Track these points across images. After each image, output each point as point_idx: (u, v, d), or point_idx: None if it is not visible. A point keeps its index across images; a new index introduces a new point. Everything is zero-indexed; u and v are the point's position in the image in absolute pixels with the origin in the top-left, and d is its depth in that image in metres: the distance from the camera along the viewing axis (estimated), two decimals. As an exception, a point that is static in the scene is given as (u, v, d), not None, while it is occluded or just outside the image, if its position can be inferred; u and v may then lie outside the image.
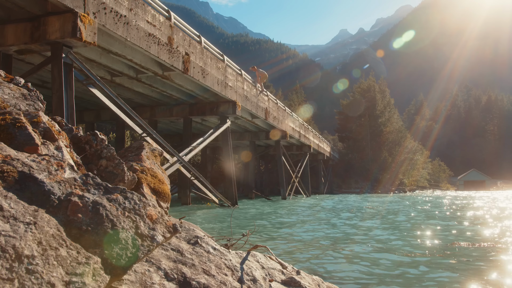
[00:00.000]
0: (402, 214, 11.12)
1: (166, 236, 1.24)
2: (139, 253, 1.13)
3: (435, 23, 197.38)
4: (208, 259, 1.65)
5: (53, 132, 1.49)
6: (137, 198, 1.25)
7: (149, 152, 2.04)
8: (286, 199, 21.84)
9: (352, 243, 5.69)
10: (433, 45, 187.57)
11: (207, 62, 11.91)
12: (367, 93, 48.10)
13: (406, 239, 5.99)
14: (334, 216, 10.68)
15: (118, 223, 1.13)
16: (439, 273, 3.71)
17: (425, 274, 3.70)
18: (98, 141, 1.71)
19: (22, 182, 1.09)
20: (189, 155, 12.35)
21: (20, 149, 1.30)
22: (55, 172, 1.19)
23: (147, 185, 1.77)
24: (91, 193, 1.18)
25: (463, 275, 3.57)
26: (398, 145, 47.01)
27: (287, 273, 1.97)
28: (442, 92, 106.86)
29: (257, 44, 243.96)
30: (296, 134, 24.17)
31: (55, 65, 7.03)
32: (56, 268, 0.92)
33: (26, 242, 0.90)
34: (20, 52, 7.49)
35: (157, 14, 9.19)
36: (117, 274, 1.08)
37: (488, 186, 62.84)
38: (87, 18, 6.88)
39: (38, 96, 1.78)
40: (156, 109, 15.37)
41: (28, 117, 1.48)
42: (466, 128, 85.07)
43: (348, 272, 3.77)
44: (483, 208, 12.84)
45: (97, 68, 10.46)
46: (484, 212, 11.34)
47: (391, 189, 41.43)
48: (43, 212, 1.02)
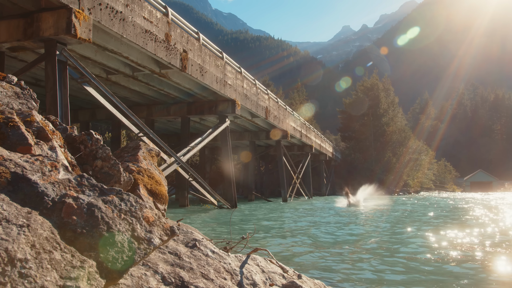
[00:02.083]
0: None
1: (164, 239, 1.24)
2: (136, 257, 1.13)
3: (440, 19, 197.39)
4: (207, 262, 1.65)
5: (47, 132, 1.49)
6: (133, 200, 1.25)
7: (145, 152, 2.04)
8: (287, 201, 21.84)
9: (355, 247, 5.69)
10: (439, 42, 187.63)
11: (206, 60, 11.91)
12: (371, 91, 48.08)
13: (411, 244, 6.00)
14: (336, 216, 10.68)
15: (113, 226, 1.13)
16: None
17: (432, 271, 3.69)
18: (93, 141, 1.71)
19: (15, 183, 1.09)
20: (187, 156, 12.35)
21: (12, 149, 1.30)
22: (49, 173, 1.19)
23: (143, 187, 1.77)
24: (86, 195, 1.18)
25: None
26: (403, 145, 47.01)
27: (288, 277, 1.97)
28: (448, 90, 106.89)
29: (257, 41, 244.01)
30: (297, 133, 24.17)
31: (49, 63, 7.03)
32: (50, 272, 0.92)
33: (19, 245, 0.90)
34: (13, 49, 7.50)
35: (154, 10, 9.20)
36: (113, 278, 1.08)
37: (495, 188, 62.85)
38: (82, 14, 6.88)
39: (31, 95, 1.78)
40: (153, 108, 15.38)
41: (21, 117, 1.48)
42: (473, 127, 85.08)
43: (352, 275, 3.77)
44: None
45: (92, 65, 10.46)
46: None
47: (395, 190, 41.44)
48: (37, 214, 1.02)
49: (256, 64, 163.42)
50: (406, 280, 3.64)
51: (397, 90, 63.75)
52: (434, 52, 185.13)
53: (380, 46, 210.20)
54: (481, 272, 3.87)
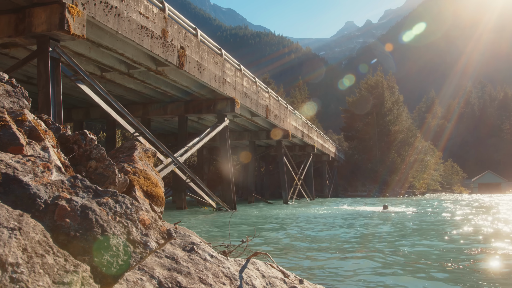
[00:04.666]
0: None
1: (160, 243, 1.24)
2: (131, 261, 1.13)
3: (447, 14, 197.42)
4: (205, 267, 1.65)
5: (39, 132, 1.49)
6: (128, 202, 1.25)
7: (141, 152, 2.04)
8: (288, 203, 21.84)
9: (358, 251, 5.69)
10: (446, 38, 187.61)
11: (204, 57, 11.91)
12: (375, 89, 48.09)
13: (414, 245, 6.00)
14: (339, 219, 10.69)
15: (108, 229, 1.13)
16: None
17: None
18: (87, 141, 1.71)
19: (6, 185, 1.09)
20: (184, 156, 12.36)
21: (3, 150, 1.30)
22: (41, 174, 1.19)
23: (139, 188, 1.77)
24: (80, 197, 1.18)
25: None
26: (408, 145, 47.02)
27: (289, 282, 1.97)
28: (455, 88, 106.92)
29: (257, 37, 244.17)
30: (299, 133, 24.18)
31: (41, 60, 7.03)
32: (42, 277, 0.92)
33: (10, 249, 0.90)
34: (3, 45, 7.50)
35: (150, 5, 9.20)
36: (108, 283, 1.08)
37: (504, 189, 62.82)
38: (76, 10, 6.88)
39: (23, 93, 1.78)
40: (149, 106, 15.38)
41: (13, 115, 1.48)
42: (481, 127, 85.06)
43: (355, 280, 3.77)
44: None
45: (86, 62, 10.46)
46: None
47: (401, 192, 41.43)
48: (29, 217, 1.02)
49: (256, 61, 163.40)
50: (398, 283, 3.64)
51: (402, 88, 63.78)
52: (441, 48, 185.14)
53: (385, 43, 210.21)
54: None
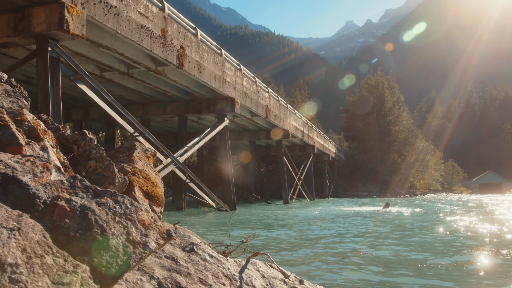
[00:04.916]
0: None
1: (160, 243, 1.24)
2: (131, 261, 1.13)
3: (448, 14, 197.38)
4: (205, 267, 1.65)
5: (39, 132, 1.49)
6: (128, 202, 1.25)
7: (141, 152, 2.04)
8: (288, 203, 21.84)
9: (358, 251, 5.69)
10: (446, 38, 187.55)
11: (204, 56, 11.91)
12: (375, 89, 48.10)
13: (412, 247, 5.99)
14: (339, 219, 10.69)
15: (108, 229, 1.13)
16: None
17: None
18: (86, 141, 1.71)
19: (5, 185, 1.09)
20: (184, 156, 12.36)
21: (2, 150, 1.30)
22: (40, 174, 1.19)
23: (139, 188, 1.77)
24: (79, 197, 1.18)
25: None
26: (409, 145, 47.03)
27: (289, 282, 1.97)
28: (456, 88, 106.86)
29: (257, 36, 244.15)
30: (299, 133, 24.18)
31: (40, 60, 7.03)
32: (42, 277, 0.92)
33: (10, 249, 0.90)
34: (3, 45, 7.49)
35: (150, 4, 9.20)
36: (107, 283, 1.08)
37: (505, 189, 62.80)
38: (75, 9, 6.88)
39: (22, 93, 1.78)
40: (149, 106, 15.38)
41: (12, 115, 1.48)
42: (482, 127, 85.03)
43: (355, 281, 3.77)
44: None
45: (85, 62, 10.46)
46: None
47: (401, 192, 41.44)
48: (28, 217, 1.02)
49: (256, 61, 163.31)
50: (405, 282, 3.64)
51: (403, 88, 63.76)
52: (442, 48, 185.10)
53: (385, 42, 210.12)
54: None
